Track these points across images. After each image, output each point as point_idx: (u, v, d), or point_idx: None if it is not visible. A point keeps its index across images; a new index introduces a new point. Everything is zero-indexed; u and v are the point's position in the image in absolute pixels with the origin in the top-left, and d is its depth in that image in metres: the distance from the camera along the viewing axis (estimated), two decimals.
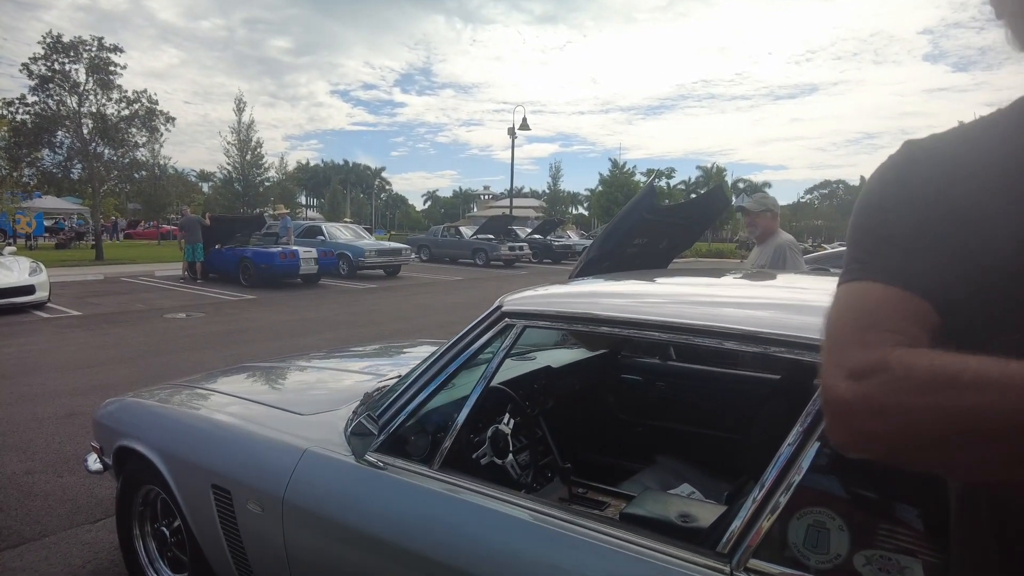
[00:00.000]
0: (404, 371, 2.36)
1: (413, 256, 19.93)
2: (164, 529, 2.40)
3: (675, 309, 1.50)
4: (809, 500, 1.16)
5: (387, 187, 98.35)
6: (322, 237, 17.16)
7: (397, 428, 1.73)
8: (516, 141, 29.41)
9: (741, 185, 67.71)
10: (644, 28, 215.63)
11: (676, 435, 2.73)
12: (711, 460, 2.48)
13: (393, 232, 48.85)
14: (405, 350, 3.60)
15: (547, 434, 2.47)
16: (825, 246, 32.56)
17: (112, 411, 2.61)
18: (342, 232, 18.08)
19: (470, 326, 1.77)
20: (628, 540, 1.34)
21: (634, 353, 3.03)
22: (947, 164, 0.67)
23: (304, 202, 74.59)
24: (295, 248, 14.46)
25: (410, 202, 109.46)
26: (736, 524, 1.21)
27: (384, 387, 2.16)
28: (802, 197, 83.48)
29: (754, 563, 1.16)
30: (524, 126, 28.73)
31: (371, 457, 1.71)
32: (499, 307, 1.74)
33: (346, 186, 78.12)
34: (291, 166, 44.29)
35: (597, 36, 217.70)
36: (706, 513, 1.71)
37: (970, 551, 0.72)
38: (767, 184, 76.37)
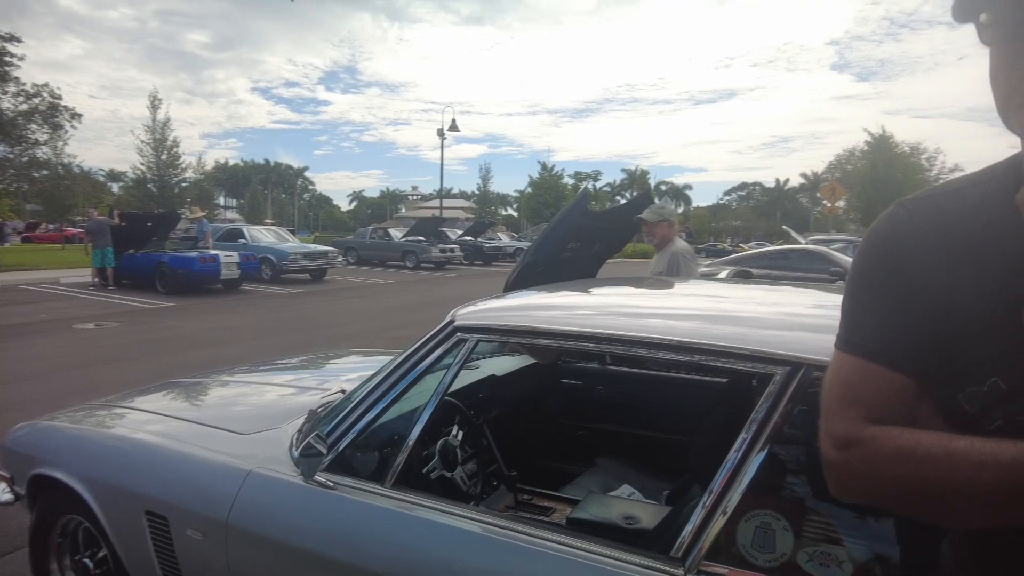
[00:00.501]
0: (348, 386, 2.32)
1: (340, 259, 19.48)
2: (87, 561, 2.26)
3: (632, 323, 1.56)
4: (755, 503, 1.22)
5: (310, 187, 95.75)
6: (244, 240, 16.54)
7: (347, 446, 1.70)
8: (445, 141, 29.33)
9: (664, 187, 69.96)
10: (571, 31, 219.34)
11: (616, 437, 2.81)
12: (649, 460, 2.56)
13: (318, 234, 47.62)
14: (333, 361, 3.54)
15: (492, 443, 2.49)
16: (743, 246, 34.11)
17: (24, 436, 2.44)
18: (265, 235, 17.49)
19: (422, 340, 1.76)
20: (578, 547, 1.37)
21: (574, 358, 3.09)
22: (929, 236, 0.75)
23: (223, 203, 71.71)
24: (215, 252, 13.88)
25: (335, 202, 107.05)
26: (688, 528, 1.26)
27: (329, 403, 2.12)
28: (721, 199, 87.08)
29: (706, 565, 1.22)
30: (453, 127, 28.66)
31: (321, 477, 1.68)
32: (451, 321, 1.74)
33: (267, 186, 75.53)
34: (209, 165, 42.48)
35: (524, 38, 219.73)
36: (648, 514, 1.77)
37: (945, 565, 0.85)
38: (688, 186, 79.21)
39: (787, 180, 72.05)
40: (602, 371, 3.00)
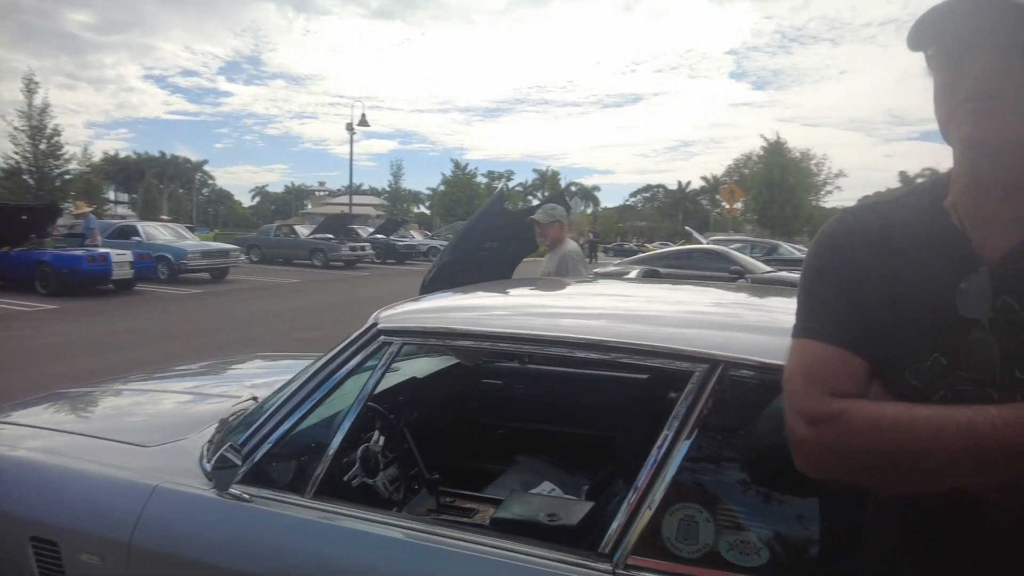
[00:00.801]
0: (259, 393, 2.22)
1: (243, 257, 18.61)
2: None
3: (567, 323, 1.58)
4: (679, 497, 1.27)
5: (210, 181, 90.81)
6: (137, 238, 15.48)
7: (264, 456, 1.62)
8: (355, 137, 28.67)
9: (574, 188, 71.41)
10: (482, 30, 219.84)
11: (536, 435, 2.84)
12: (568, 457, 2.61)
13: (218, 231, 45.23)
14: (238, 366, 3.38)
15: (413, 446, 2.45)
16: (648, 246, 35.41)
17: None
18: (161, 232, 16.44)
19: (343, 344, 1.71)
20: (503, 547, 1.37)
21: (495, 358, 3.10)
22: (875, 237, 0.87)
23: (113, 198, 66.79)
24: (106, 251, 12.90)
25: (236, 198, 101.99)
26: (615, 524, 1.29)
27: (242, 411, 2.02)
28: (627, 200, 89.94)
29: (634, 559, 1.25)
30: (363, 122, 28.08)
31: (236, 489, 1.59)
32: (374, 324, 1.69)
33: (163, 180, 70.99)
34: (97, 157, 39.44)
35: (435, 35, 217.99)
36: (570, 510, 1.80)
37: (877, 543, 0.92)
38: (596, 188, 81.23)
39: (689, 183, 75.38)
40: (522, 370, 3.03)
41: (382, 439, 2.04)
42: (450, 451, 2.87)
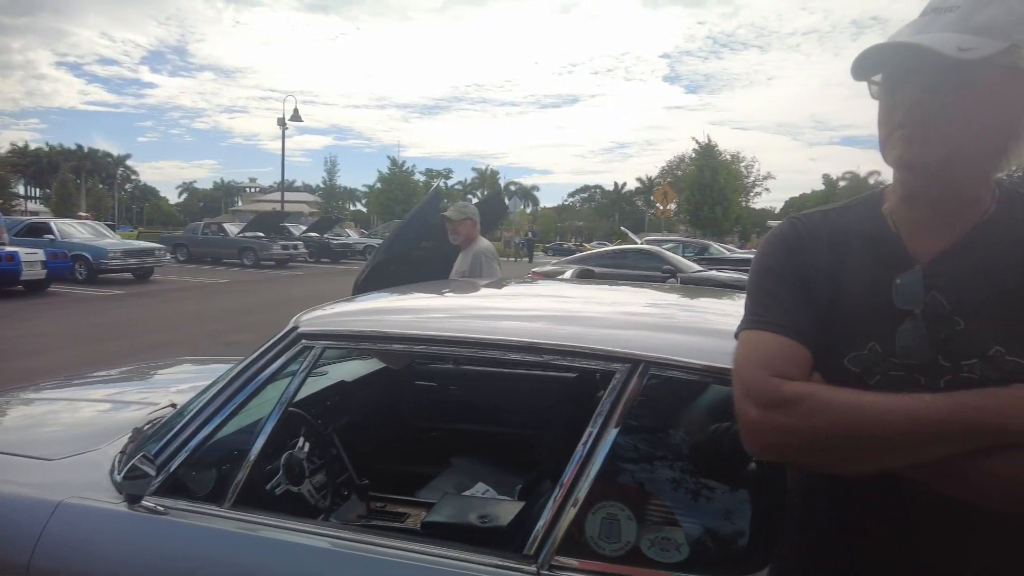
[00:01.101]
0: (180, 399, 2.12)
1: (168, 256, 17.82)
2: None
3: (482, 325, 1.57)
4: (602, 495, 1.28)
5: (133, 177, 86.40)
6: (51, 236, 14.57)
7: (180, 466, 1.55)
8: (287, 132, 27.91)
9: (513, 188, 71.72)
10: (419, 27, 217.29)
11: (471, 436, 2.83)
12: (503, 457, 2.61)
13: (142, 229, 43.13)
14: (163, 371, 3.23)
15: (342, 451, 2.40)
16: (586, 245, 35.93)
17: None
18: (78, 230, 15.54)
19: (262, 349, 1.65)
20: (431, 552, 1.36)
21: (428, 360, 3.07)
22: (822, 240, 0.95)
23: (23, 192, 62.75)
24: (13, 249, 12.09)
25: (162, 194, 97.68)
26: (540, 524, 1.30)
27: (158, 419, 1.93)
28: (566, 200, 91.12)
29: (558, 559, 1.26)
30: (296, 117, 27.33)
31: (149, 502, 1.51)
32: (294, 328, 1.65)
33: (80, 175, 67.08)
34: (3, 148, 36.92)
35: (372, 31, 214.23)
36: (502, 510, 1.80)
37: (804, 529, 0.98)
38: (536, 187, 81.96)
39: (625, 184, 77.01)
40: (456, 371, 3.01)
41: (307, 445, 1.99)
42: (383, 455, 2.83)
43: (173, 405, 2.09)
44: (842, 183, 53.40)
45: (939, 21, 0.83)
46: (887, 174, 0.96)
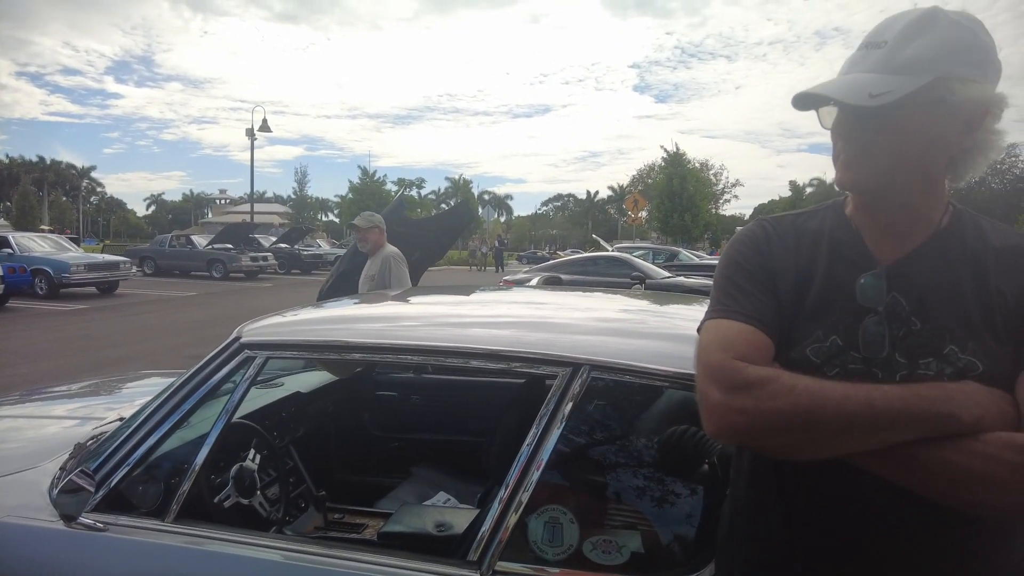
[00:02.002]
0: (127, 412, 2.08)
1: (134, 270, 17.44)
2: None
3: (427, 332, 1.56)
4: (545, 498, 1.29)
5: (99, 189, 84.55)
6: (9, 250, 14.18)
7: (121, 480, 1.52)
8: (257, 142, 27.60)
9: (487, 197, 71.84)
10: (390, 37, 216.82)
11: (433, 445, 2.82)
12: (466, 465, 2.60)
13: (108, 242, 42.16)
14: (126, 385, 3.15)
15: (299, 463, 2.38)
16: (560, 253, 36.07)
17: None
18: (38, 244, 15.15)
19: (206, 359, 1.63)
20: (381, 562, 1.35)
21: (389, 369, 3.05)
22: (789, 240, 1.01)
23: None
24: None
25: (129, 206, 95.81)
26: (484, 529, 1.30)
27: (102, 434, 1.88)
28: (539, 209, 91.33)
29: (501, 565, 1.26)
30: (265, 128, 27.03)
31: (87, 519, 1.47)
32: (237, 338, 1.63)
33: (43, 187, 65.45)
34: None
35: (342, 40, 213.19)
36: (460, 519, 1.79)
37: (750, 521, 1.01)
38: (509, 196, 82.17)
39: (597, 192, 77.36)
40: (417, 380, 3.00)
41: (259, 457, 1.96)
42: (343, 467, 2.80)
43: (121, 419, 2.05)
44: (809, 189, 54.44)
45: (868, 59, 0.90)
46: None
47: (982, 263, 0.92)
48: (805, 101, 0.94)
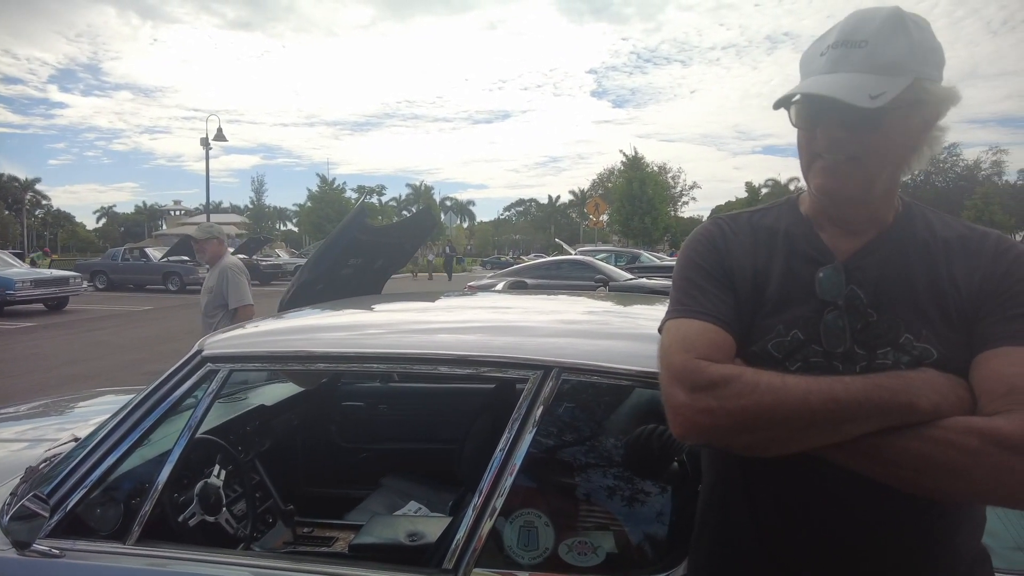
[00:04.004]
0: (82, 432, 2.00)
1: (85, 284, 16.86)
2: None
3: (393, 339, 1.55)
4: (520, 503, 1.28)
5: (44, 202, 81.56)
6: None
7: (77, 503, 1.46)
8: (212, 152, 27.02)
9: (448, 203, 71.61)
10: (346, 44, 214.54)
11: (402, 454, 2.78)
12: (436, 473, 2.58)
13: (56, 256, 40.66)
14: (80, 404, 3.04)
15: (265, 478, 2.32)
16: (523, 258, 36.16)
17: None
18: None
19: (166, 374, 1.58)
20: (357, 574, 1.33)
21: (355, 379, 3.01)
22: (745, 237, 1.02)
23: None
24: None
25: (78, 219, 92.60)
26: (458, 537, 1.28)
27: (55, 456, 1.81)
28: (502, 214, 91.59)
29: (477, 572, 1.25)
30: (220, 137, 26.46)
31: (42, 545, 1.41)
32: (199, 351, 1.58)
33: None
34: None
35: (297, 48, 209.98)
36: (433, 527, 1.78)
37: (720, 519, 1.02)
38: (471, 202, 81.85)
39: (559, 197, 77.90)
40: (384, 390, 2.96)
41: (224, 473, 1.91)
42: (311, 479, 2.75)
43: (76, 439, 1.97)
44: (764, 190, 55.79)
45: (850, 57, 0.89)
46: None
47: (932, 253, 0.95)
48: (789, 98, 0.94)
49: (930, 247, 0.95)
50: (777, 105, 0.95)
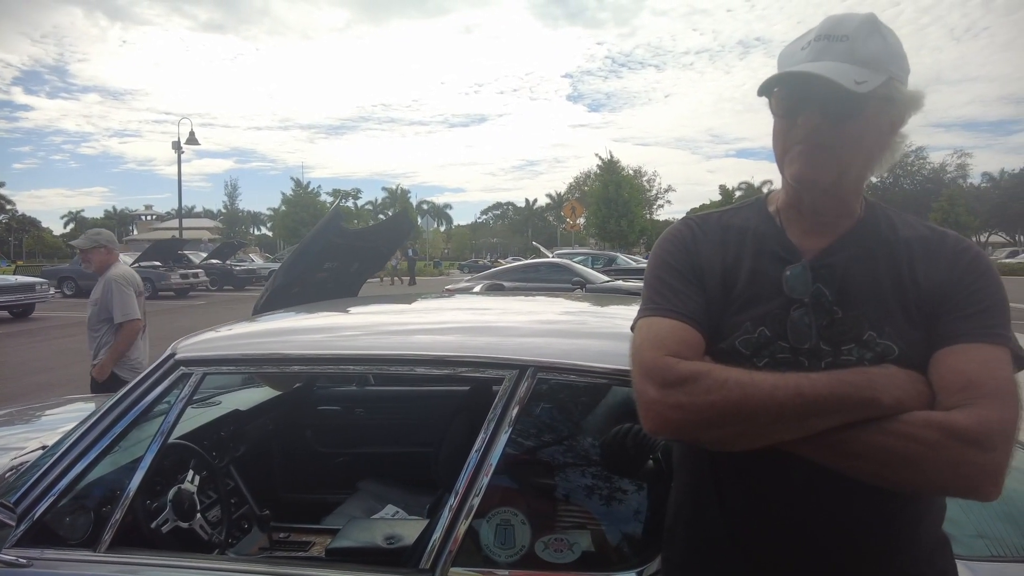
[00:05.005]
0: (50, 440, 1.97)
1: (52, 291, 16.50)
2: None
3: (369, 341, 1.54)
4: (496, 502, 1.29)
5: (9, 207, 79.62)
6: None
7: (46, 512, 1.43)
8: (185, 156, 26.65)
9: (425, 207, 71.37)
10: (321, 47, 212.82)
11: (378, 458, 2.77)
12: (413, 476, 2.57)
13: (20, 263, 39.66)
14: (47, 412, 2.98)
15: (240, 483, 2.30)
16: (501, 261, 36.20)
17: None
18: None
19: (138, 379, 1.56)
20: None
21: (331, 383, 2.99)
22: (715, 237, 1.04)
23: None
24: None
25: (45, 224, 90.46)
26: (435, 536, 1.29)
27: (22, 464, 1.77)
28: (479, 217, 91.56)
29: (454, 571, 1.25)
30: (192, 140, 26.10)
31: (8, 555, 1.38)
32: (172, 355, 1.56)
33: None
34: None
35: (271, 51, 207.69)
36: (410, 530, 1.77)
37: (692, 513, 1.04)
38: (448, 205, 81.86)
39: (536, 200, 78.17)
40: (360, 393, 2.95)
41: (198, 478, 1.88)
42: (287, 484, 2.72)
43: (44, 447, 1.93)
44: (738, 193, 56.53)
45: (833, 49, 0.92)
46: (778, 183, 1.05)
47: (895, 252, 0.98)
48: (772, 83, 0.95)
49: (893, 247, 0.98)
50: (762, 90, 0.97)
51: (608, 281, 11.57)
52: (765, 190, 1.04)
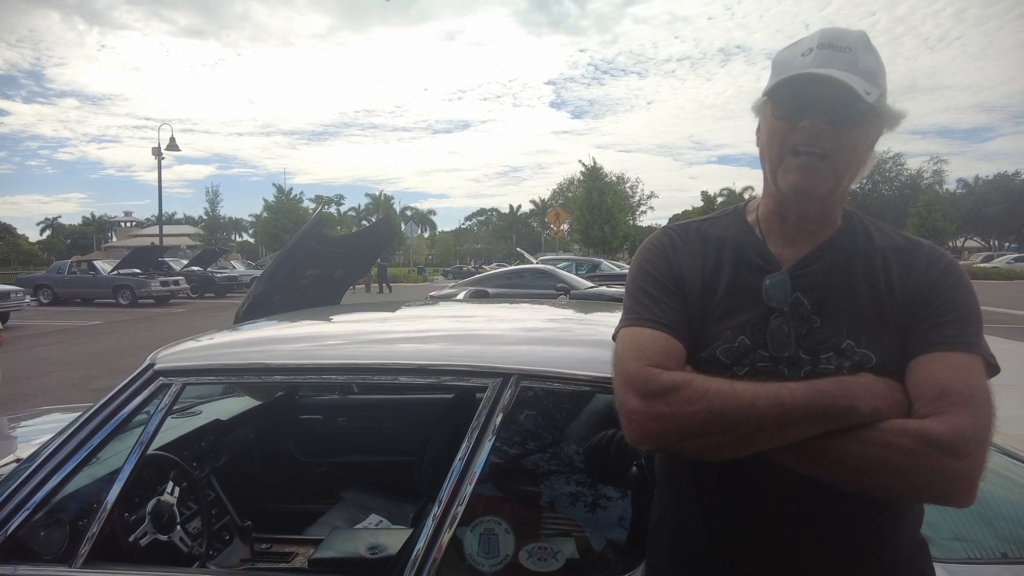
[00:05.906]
0: (24, 453, 1.93)
1: (28, 299, 16.20)
2: None
3: (352, 350, 1.53)
4: (480, 510, 1.29)
5: None
6: None
7: (19, 527, 1.40)
8: (165, 162, 26.34)
9: (409, 213, 71.24)
10: (303, 53, 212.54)
11: (362, 467, 2.75)
12: (397, 485, 2.56)
13: None
14: (21, 424, 2.92)
15: (221, 494, 2.27)
16: (485, 267, 36.19)
17: None
18: None
19: (116, 389, 1.53)
20: None
21: (313, 392, 2.96)
22: (694, 246, 1.05)
23: None
24: None
25: (20, 232, 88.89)
26: (418, 547, 1.28)
27: None
28: (463, 223, 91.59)
29: None
30: (173, 146, 25.86)
31: None
32: (151, 365, 1.54)
33: None
34: None
35: (253, 56, 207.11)
36: (394, 540, 1.76)
37: (675, 520, 1.04)
38: (432, 212, 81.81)
39: (519, 206, 78.23)
40: (343, 402, 2.92)
41: (177, 490, 1.86)
42: (269, 495, 2.69)
43: (18, 460, 1.90)
44: (720, 199, 57.00)
45: (839, 59, 0.92)
46: (760, 190, 1.06)
47: (872, 262, 0.99)
48: (795, 83, 0.93)
49: (870, 256, 1.00)
50: (768, 91, 0.96)
51: (592, 287, 11.61)
52: (747, 196, 1.05)
